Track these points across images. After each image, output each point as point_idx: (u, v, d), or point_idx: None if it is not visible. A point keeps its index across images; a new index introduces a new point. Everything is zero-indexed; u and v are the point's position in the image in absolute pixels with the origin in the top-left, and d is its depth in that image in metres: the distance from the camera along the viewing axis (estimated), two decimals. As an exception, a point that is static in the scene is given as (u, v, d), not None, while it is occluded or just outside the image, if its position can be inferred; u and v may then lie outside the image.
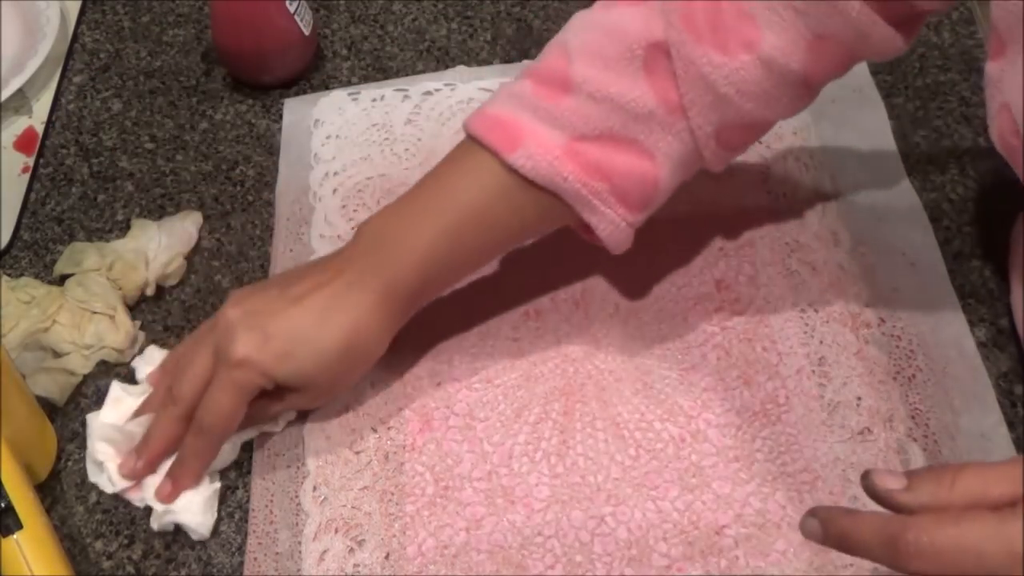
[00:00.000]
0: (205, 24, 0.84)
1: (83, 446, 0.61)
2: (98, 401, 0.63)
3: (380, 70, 0.79)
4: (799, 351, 0.62)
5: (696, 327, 0.63)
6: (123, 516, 0.59)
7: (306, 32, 0.77)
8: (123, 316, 0.64)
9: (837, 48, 0.55)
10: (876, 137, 0.71)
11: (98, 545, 0.58)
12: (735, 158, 0.61)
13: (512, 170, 0.56)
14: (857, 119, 0.72)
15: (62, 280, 0.66)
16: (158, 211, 0.72)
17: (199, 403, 0.55)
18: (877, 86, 0.74)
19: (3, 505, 0.52)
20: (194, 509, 0.56)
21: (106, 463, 0.57)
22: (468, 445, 0.59)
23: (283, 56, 0.77)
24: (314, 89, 0.79)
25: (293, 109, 0.77)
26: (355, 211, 0.70)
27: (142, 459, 0.57)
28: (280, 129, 0.76)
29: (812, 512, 0.43)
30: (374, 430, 0.60)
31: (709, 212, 0.68)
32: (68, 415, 0.63)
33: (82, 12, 0.86)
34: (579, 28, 0.57)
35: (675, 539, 0.55)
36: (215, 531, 0.57)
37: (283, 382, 0.56)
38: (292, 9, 0.75)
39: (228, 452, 0.58)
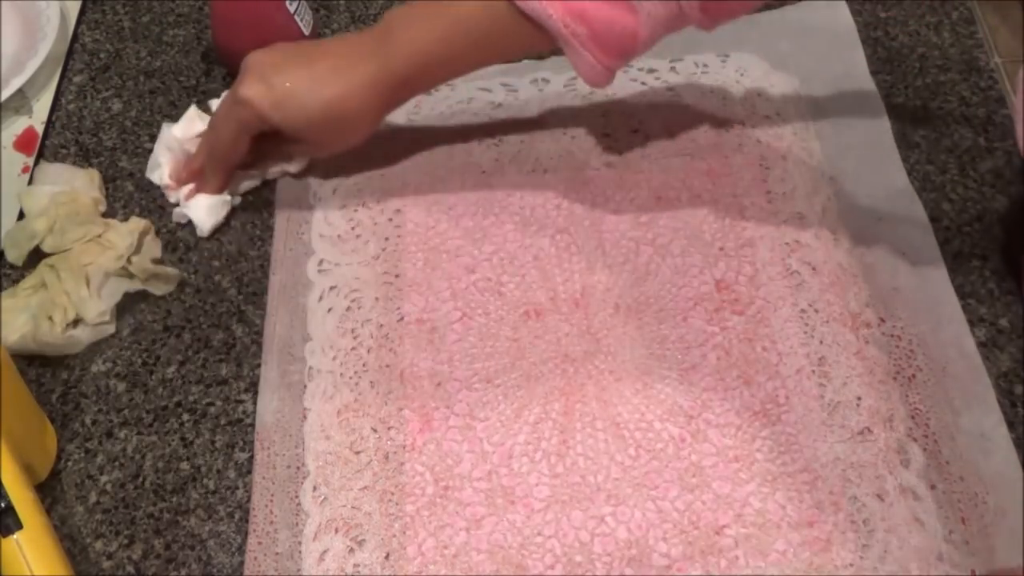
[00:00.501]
0: (205, 24, 0.84)
1: (83, 447, 0.61)
2: (96, 397, 0.63)
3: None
4: (799, 351, 0.62)
5: (696, 327, 0.63)
6: (123, 516, 0.59)
7: (306, 32, 0.77)
8: (110, 234, 0.69)
9: None
10: (876, 137, 0.71)
11: (98, 545, 0.58)
12: (727, 20, 0.63)
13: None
14: (857, 119, 0.72)
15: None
16: (158, 211, 0.72)
17: None
18: (877, 86, 0.74)
19: (3, 505, 0.52)
20: (201, 208, 0.69)
21: (163, 165, 0.71)
22: (468, 445, 0.59)
23: (283, 56, 0.77)
24: (314, 89, 0.79)
25: (293, 109, 0.77)
26: (355, 211, 0.70)
27: (185, 170, 0.71)
28: (280, 129, 0.76)
29: None
30: (374, 430, 0.60)
31: (709, 212, 0.68)
32: (68, 415, 0.63)
33: (82, 12, 0.86)
34: None
35: (675, 539, 0.55)
36: (214, 236, 0.70)
37: (275, 126, 0.66)
38: (292, 9, 0.75)
39: (250, 180, 0.71)
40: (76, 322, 0.65)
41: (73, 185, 0.71)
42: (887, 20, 0.79)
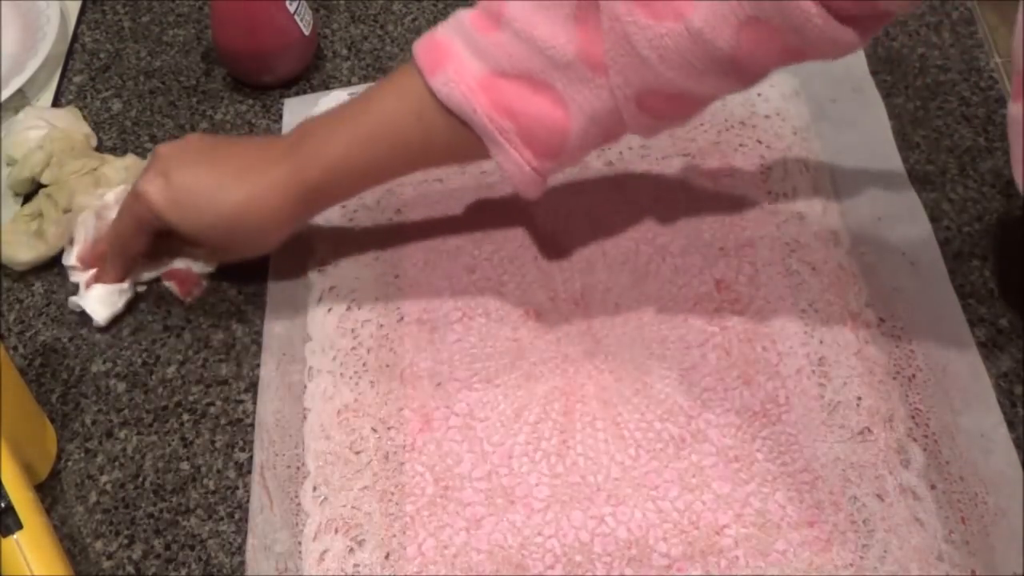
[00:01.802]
0: (205, 24, 0.84)
1: (83, 447, 0.61)
2: (96, 398, 0.63)
3: (380, 70, 0.79)
4: (799, 351, 0.62)
5: (696, 327, 0.63)
6: (123, 516, 0.59)
7: (306, 32, 0.77)
8: (105, 168, 0.71)
9: (771, 35, 0.52)
10: (876, 137, 0.71)
11: (98, 545, 0.58)
12: (664, 128, 0.60)
13: (432, 93, 0.57)
14: (857, 119, 0.72)
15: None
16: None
17: None
18: (877, 86, 0.74)
19: (3, 505, 0.52)
20: (93, 299, 0.66)
21: (75, 243, 0.67)
22: (468, 445, 0.59)
23: (283, 56, 0.77)
24: (314, 89, 0.79)
25: (293, 109, 0.77)
26: (355, 211, 0.70)
27: (91, 253, 0.67)
28: (280, 129, 0.76)
29: None
30: (374, 430, 0.60)
31: (709, 212, 0.68)
32: (68, 415, 0.63)
33: (82, 12, 0.86)
34: None
35: (675, 539, 0.55)
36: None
37: (172, 227, 0.62)
38: (292, 9, 0.75)
39: (153, 271, 0.67)
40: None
41: (59, 124, 0.74)
42: (887, 20, 0.79)
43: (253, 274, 0.68)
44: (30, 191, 0.72)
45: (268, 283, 0.67)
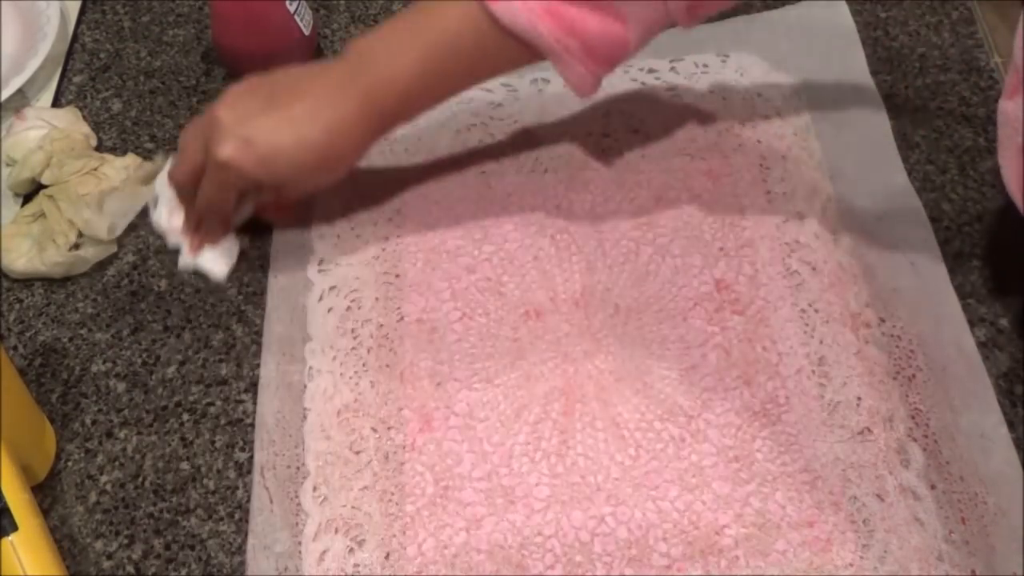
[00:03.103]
0: (205, 24, 0.84)
1: (83, 447, 0.61)
2: (96, 397, 0.63)
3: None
4: (799, 351, 0.62)
5: (696, 327, 0.63)
6: (123, 516, 0.59)
7: (306, 32, 0.77)
8: (105, 167, 0.72)
9: None
10: (876, 137, 0.71)
11: (98, 545, 0.58)
12: (707, 16, 0.63)
13: (493, 18, 0.59)
14: (857, 119, 0.72)
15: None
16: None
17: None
18: (877, 86, 0.74)
19: None
20: (212, 259, 0.67)
21: (161, 205, 0.69)
22: (468, 445, 0.59)
23: (283, 56, 0.77)
24: (314, 89, 0.79)
25: (293, 109, 0.77)
26: (355, 211, 0.70)
27: (185, 225, 0.68)
28: (280, 129, 0.76)
29: None
30: (374, 430, 0.60)
31: (709, 212, 0.68)
32: (68, 415, 0.63)
33: (82, 12, 0.86)
34: None
35: (675, 539, 0.55)
36: (231, 279, 0.68)
37: (263, 183, 0.62)
38: (292, 9, 0.75)
39: (244, 212, 0.68)
40: (78, 245, 0.69)
41: (59, 124, 0.74)
42: (887, 20, 0.79)
43: (253, 274, 0.68)
44: (30, 191, 0.72)
45: (268, 283, 0.67)
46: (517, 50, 0.61)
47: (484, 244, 0.68)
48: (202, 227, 0.67)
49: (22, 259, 0.68)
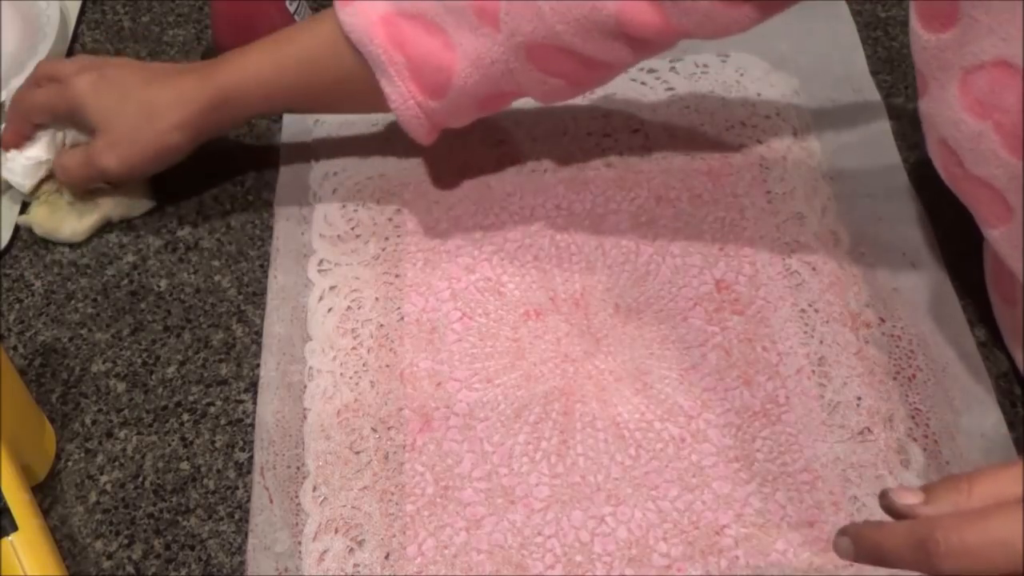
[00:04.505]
0: (205, 24, 0.84)
1: (83, 447, 0.61)
2: (96, 397, 0.63)
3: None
4: (799, 351, 0.62)
5: (696, 327, 0.63)
6: (123, 516, 0.59)
7: (306, 32, 0.76)
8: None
9: (654, 11, 0.56)
10: (876, 137, 0.71)
11: (98, 545, 0.58)
12: (558, 94, 0.63)
13: (341, 25, 0.62)
14: (857, 119, 0.73)
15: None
16: (157, 211, 0.72)
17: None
18: (877, 86, 0.74)
19: None
20: (13, 167, 0.69)
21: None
22: (468, 445, 0.59)
23: (283, 56, 0.77)
24: (314, 89, 0.79)
25: (293, 109, 0.77)
26: (355, 211, 0.70)
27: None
28: (280, 129, 0.76)
29: (843, 531, 0.43)
30: (374, 430, 0.60)
31: (709, 212, 0.68)
32: (68, 415, 0.63)
33: (82, 12, 0.86)
34: None
35: (675, 539, 0.55)
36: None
37: (88, 113, 0.65)
38: (292, 9, 0.75)
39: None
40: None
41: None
42: (887, 20, 0.79)
43: (253, 274, 0.68)
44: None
45: (268, 282, 0.67)
46: (356, 63, 0.62)
47: (484, 244, 0.68)
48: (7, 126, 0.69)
49: (71, 218, 0.70)
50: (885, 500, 0.42)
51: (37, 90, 0.68)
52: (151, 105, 0.65)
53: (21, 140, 0.69)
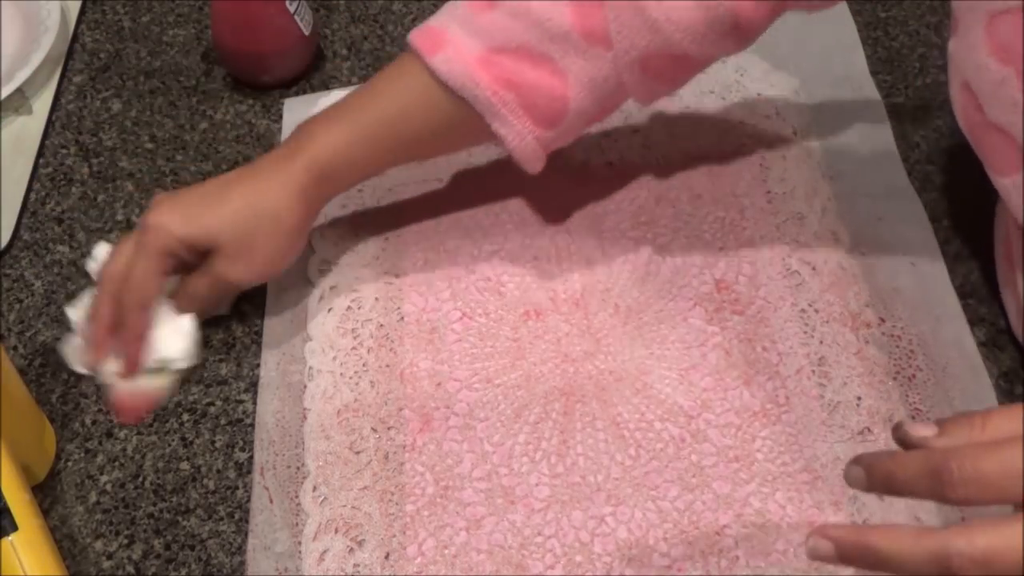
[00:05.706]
0: (205, 24, 0.84)
1: (83, 447, 0.61)
2: (96, 397, 0.63)
3: (380, 70, 0.79)
4: (799, 351, 0.62)
5: (696, 327, 0.63)
6: (123, 516, 0.59)
7: (306, 32, 0.77)
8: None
9: None
10: (876, 137, 0.71)
11: (98, 545, 0.58)
12: (663, 93, 0.63)
13: (433, 74, 0.59)
14: (857, 119, 0.72)
15: None
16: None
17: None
18: (877, 86, 0.74)
19: None
20: (169, 343, 0.61)
21: (71, 349, 0.63)
22: (468, 445, 0.59)
23: (283, 56, 0.77)
24: (314, 89, 0.79)
25: (293, 109, 0.77)
26: (355, 211, 0.70)
27: (90, 344, 0.62)
28: (280, 129, 0.76)
29: (856, 459, 0.43)
30: (374, 430, 0.60)
31: (709, 212, 0.68)
32: (68, 415, 0.63)
33: (82, 12, 0.86)
34: None
35: (675, 539, 0.55)
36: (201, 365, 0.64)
37: (191, 241, 0.59)
38: (292, 9, 0.75)
39: (186, 327, 0.62)
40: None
41: None
42: (887, 20, 0.79)
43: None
44: None
45: (268, 283, 0.67)
46: (459, 109, 0.59)
47: (484, 244, 0.68)
48: (122, 343, 0.61)
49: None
50: (899, 432, 0.42)
51: (132, 257, 0.60)
52: (254, 209, 0.60)
53: (142, 328, 0.61)
